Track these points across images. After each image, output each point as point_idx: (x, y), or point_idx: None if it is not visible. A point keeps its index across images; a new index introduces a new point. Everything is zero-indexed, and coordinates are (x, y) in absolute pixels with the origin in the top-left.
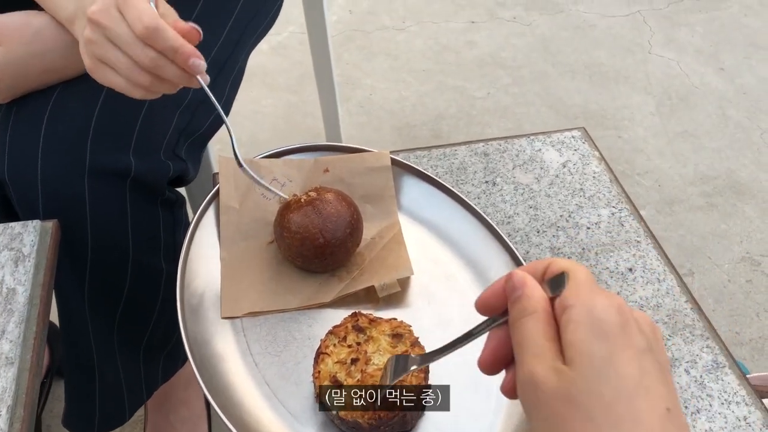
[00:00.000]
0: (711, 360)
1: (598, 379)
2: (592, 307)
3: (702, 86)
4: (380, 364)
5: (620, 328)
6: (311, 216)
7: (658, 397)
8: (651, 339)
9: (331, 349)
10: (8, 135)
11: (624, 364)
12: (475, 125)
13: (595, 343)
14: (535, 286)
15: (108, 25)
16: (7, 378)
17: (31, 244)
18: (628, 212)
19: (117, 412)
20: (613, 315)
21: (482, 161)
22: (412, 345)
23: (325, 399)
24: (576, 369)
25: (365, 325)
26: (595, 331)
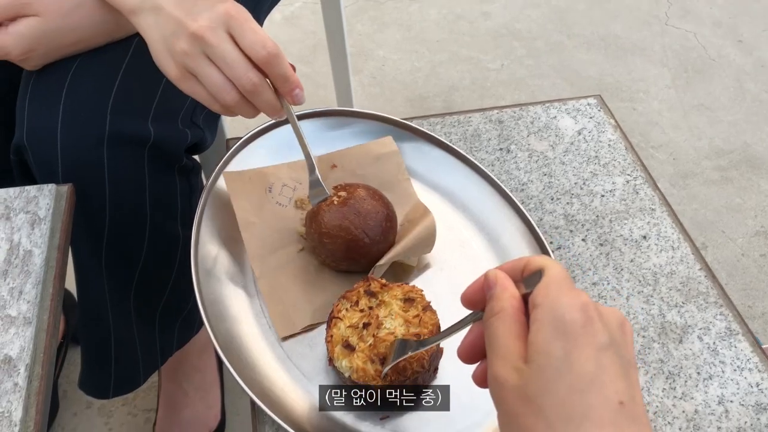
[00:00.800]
0: (724, 327)
1: (553, 377)
2: (556, 306)
3: (719, 59)
4: (392, 329)
5: (581, 326)
6: (350, 217)
7: (613, 392)
8: (616, 335)
9: (343, 314)
10: (27, 100)
11: (580, 361)
12: (489, 97)
13: (554, 342)
14: (506, 285)
15: (215, 44)
16: (25, 337)
17: (46, 207)
18: (643, 180)
19: (131, 377)
20: (575, 313)
21: (496, 128)
22: (423, 309)
23: (337, 364)
24: (534, 368)
25: (377, 289)
26: (555, 330)
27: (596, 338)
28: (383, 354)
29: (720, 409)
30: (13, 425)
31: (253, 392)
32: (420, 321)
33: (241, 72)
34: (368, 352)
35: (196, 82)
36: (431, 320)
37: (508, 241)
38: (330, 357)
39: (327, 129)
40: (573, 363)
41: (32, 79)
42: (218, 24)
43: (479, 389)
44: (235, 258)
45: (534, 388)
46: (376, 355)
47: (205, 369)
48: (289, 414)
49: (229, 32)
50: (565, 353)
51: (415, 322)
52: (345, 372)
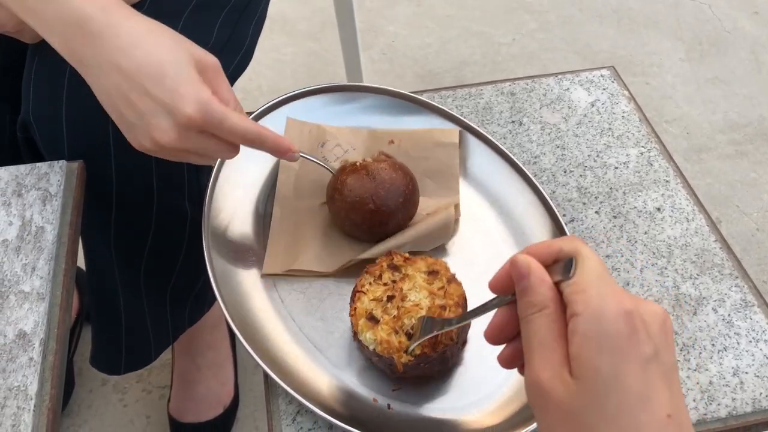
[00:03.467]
0: (740, 299)
1: (602, 395)
2: (599, 317)
3: (734, 31)
4: (416, 301)
5: (627, 338)
6: (364, 180)
7: (660, 406)
8: (659, 342)
9: (366, 288)
10: (33, 76)
11: (628, 378)
12: (500, 72)
13: (601, 358)
14: (542, 276)
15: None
16: (39, 312)
17: (57, 184)
18: (657, 152)
19: (143, 354)
20: (621, 326)
21: (508, 101)
22: (448, 281)
23: (361, 337)
24: (582, 384)
25: (400, 263)
26: (601, 344)
27: (641, 350)
28: (409, 326)
29: (735, 380)
30: (29, 399)
31: (266, 364)
32: (445, 293)
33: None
34: (392, 324)
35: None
36: (456, 292)
37: (520, 215)
38: (354, 330)
39: (336, 104)
40: (621, 380)
41: (37, 55)
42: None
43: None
44: (246, 234)
45: (581, 405)
46: (400, 327)
47: (218, 345)
48: (302, 386)
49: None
50: (613, 370)
51: (440, 294)
52: (369, 345)
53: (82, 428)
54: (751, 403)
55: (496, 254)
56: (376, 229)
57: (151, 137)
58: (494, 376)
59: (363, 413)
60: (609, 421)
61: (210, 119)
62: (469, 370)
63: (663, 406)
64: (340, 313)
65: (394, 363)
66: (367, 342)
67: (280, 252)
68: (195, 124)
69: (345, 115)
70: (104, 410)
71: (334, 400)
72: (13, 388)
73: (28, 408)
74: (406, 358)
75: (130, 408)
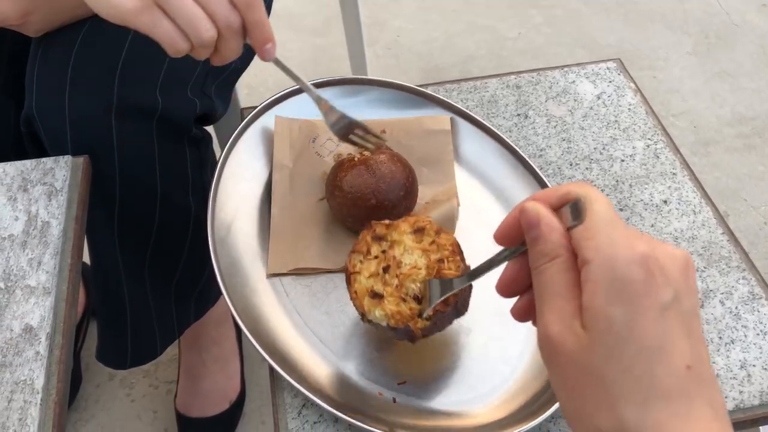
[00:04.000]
0: (747, 291)
1: (615, 346)
2: (612, 262)
3: (742, 24)
4: (412, 263)
5: (642, 285)
6: (364, 176)
7: (678, 357)
8: (679, 286)
9: (359, 267)
10: (36, 71)
11: (643, 327)
12: (506, 67)
13: (614, 306)
14: (552, 224)
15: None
16: (45, 307)
17: (63, 179)
18: (663, 144)
19: (148, 348)
20: (635, 271)
21: (514, 94)
22: (436, 233)
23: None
24: (594, 335)
25: (383, 232)
26: (614, 291)
27: (659, 296)
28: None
29: (742, 373)
30: (35, 393)
31: (271, 358)
32: (438, 246)
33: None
34: (397, 294)
35: (161, 15)
36: (448, 241)
37: None
38: (361, 313)
39: (342, 97)
40: (636, 329)
41: (40, 49)
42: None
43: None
44: (251, 228)
45: (594, 357)
46: (405, 293)
47: (223, 340)
48: (307, 379)
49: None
50: (627, 318)
51: (433, 249)
52: (381, 321)
53: (89, 423)
54: (758, 396)
55: (500, 247)
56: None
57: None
58: (500, 368)
59: (368, 406)
60: (623, 374)
61: None
62: (475, 363)
63: (682, 356)
64: (345, 307)
65: (411, 330)
66: (378, 320)
67: (283, 251)
68: None
69: (349, 109)
70: (111, 405)
71: (340, 393)
72: (19, 382)
73: (35, 402)
74: (421, 323)
75: (137, 403)
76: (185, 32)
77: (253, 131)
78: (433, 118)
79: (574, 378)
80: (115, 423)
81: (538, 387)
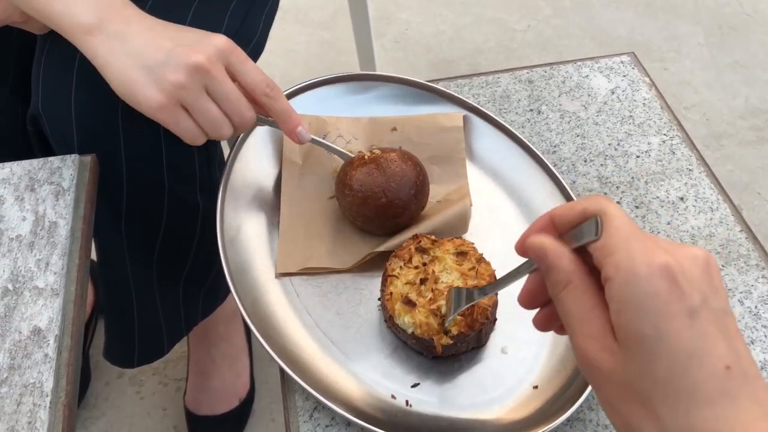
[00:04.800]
0: (767, 290)
1: (651, 361)
2: (634, 278)
3: (755, 14)
4: (449, 282)
5: (667, 295)
6: (374, 174)
7: (715, 359)
8: (704, 287)
9: (398, 272)
10: (42, 69)
11: (674, 337)
12: (515, 59)
13: (641, 322)
14: (557, 253)
15: (220, 80)
16: (53, 308)
17: (70, 178)
18: (680, 140)
19: (155, 346)
20: (657, 283)
21: (526, 89)
22: (478, 261)
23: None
24: (628, 352)
25: (428, 246)
26: (640, 307)
27: (685, 303)
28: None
29: (763, 374)
30: (44, 396)
31: (282, 360)
32: (476, 273)
33: (244, 110)
34: (428, 307)
35: (184, 114)
36: (487, 271)
37: (539, 206)
38: (390, 315)
39: (350, 94)
40: (667, 341)
41: (46, 47)
42: (218, 58)
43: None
44: (260, 227)
45: (631, 373)
46: (437, 308)
47: (232, 338)
48: (319, 382)
49: (228, 68)
50: (657, 332)
51: (472, 275)
52: (408, 328)
53: (99, 420)
54: None
55: (513, 247)
56: (389, 222)
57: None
58: (516, 370)
59: (381, 410)
60: (662, 387)
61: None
62: (490, 364)
63: (720, 357)
64: (357, 308)
65: (432, 345)
66: (405, 326)
67: (292, 250)
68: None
69: (359, 105)
70: (121, 402)
71: (352, 396)
72: (28, 384)
73: (44, 405)
74: (445, 340)
75: (147, 400)
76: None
77: (262, 128)
78: (446, 115)
79: (616, 394)
80: (124, 420)
81: (554, 389)
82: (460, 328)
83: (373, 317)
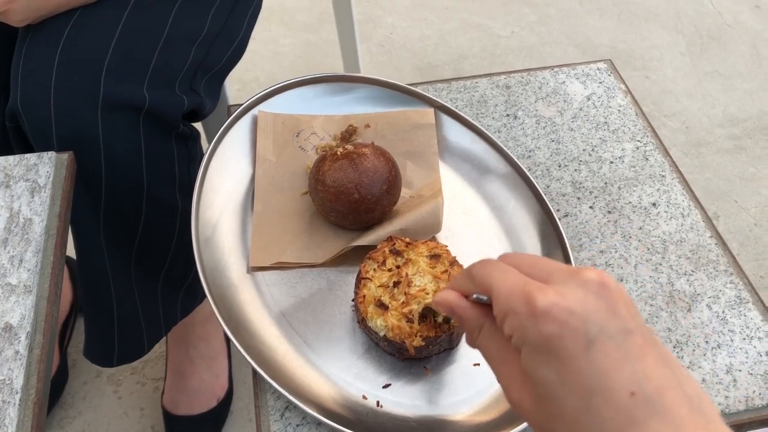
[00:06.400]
0: (734, 296)
1: (556, 404)
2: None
3: (735, 25)
4: (422, 285)
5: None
6: (347, 170)
7: (618, 388)
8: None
9: (371, 274)
10: (21, 64)
11: (574, 377)
12: (499, 65)
13: (543, 370)
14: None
15: None
16: (26, 305)
17: (46, 175)
18: (653, 146)
19: (135, 346)
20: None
21: (503, 94)
22: (450, 264)
23: (371, 324)
24: (537, 398)
25: (402, 248)
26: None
27: (579, 340)
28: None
29: (728, 378)
30: (14, 393)
31: (254, 360)
32: (449, 276)
33: None
34: (401, 310)
35: None
36: None
37: (513, 209)
38: (362, 317)
39: (331, 94)
40: (567, 382)
41: (26, 42)
42: None
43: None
44: (236, 226)
45: (545, 417)
46: (409, 312)
47: (211, 338)
48: (291, 382)
49: None
50: (556, 374)
51: (444, 278)
52: (380, 331)
53: (75, 420)
54: (744, 401)
55: (489, 248)
56: (361, 217)
57: None
58: (485, 372)
59: (352, 410)
60: (573, 428)
61: None
62: (460, 366)
63: (623, 386)
64: (331, 309)
65: (404, 347)
66: (377, 328)
67: (266, 244)
68: None
69: (338, 106)
70: (98, 402)
71: (323, 396)
72: None
73: (14, 402)
74: (417, 341)
75: (125, 400)
76: None
77: (239, 128)
78: (418, 111)
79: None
80: (101, 420)
81: None
82: (431, 331)
83: (346, 318)
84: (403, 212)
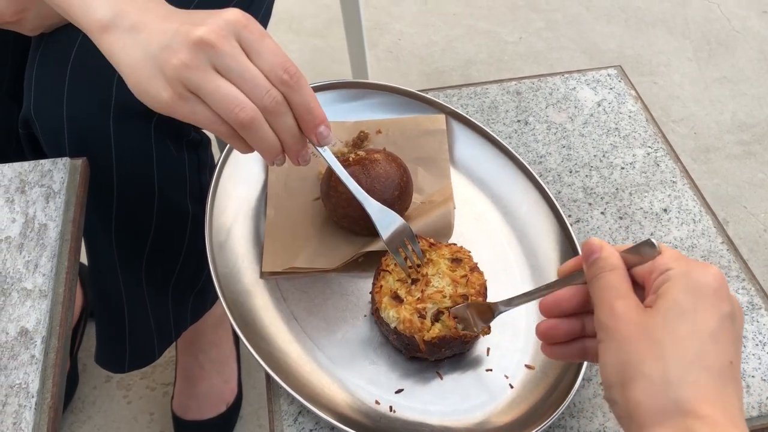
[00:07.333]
0: (746, 301)
1: (677, 319)
2: (690, 269)
3: (743, 30)
4: (440, 287)
5: (713, 290)
6: (359, 176)
7: (726, 351)
8: (737, 310)
9: (392, 267)
10: (34, 73)
11: (705, 316)
12: (506, 71)
13: (684, 295)
14: (611, 250)
15: (228, 52)
16: (41, 310)
17: (60, 181)
18: (664, 152)
19: (146, 352)
20: (710, 279)
21: (514, 100)
22: (471, 270)
23: (384, 314)
24: (658, 310)
25: (425, 248)
26: (688, 287)
27: (723, 304)
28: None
29: (741, 384)
30: (30, 397)
31: (267, 365)
32: (467, 281)
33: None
34: (415, 305)
35: (197, 101)
36: (478, 281)
37: (525, 215)
38: (376, 307)
39: (342, 101)
40: (698, 314)
41: (39, 50)
42: (228, 32)
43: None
44: (249, 232)
45: (654, 323)
46: (423, 309)
47: (221, 343)
48: (304, 386)
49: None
50: (693, 306)
51: (463, 282)
52: (391, 322)
53: (85, 424)
54: (757, 407)
55: (500, 253)
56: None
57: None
58: (498, 377)
59: (365, 415)
60: (677, 342)
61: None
62: (473, 371)
63: (728, 352)
64: (344, 313)
65: (414, 342)
66: (389, 320)
67: (278, 250)
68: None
69: (350, 112)
70: (108, 407)
71: (336, 401)
72: (14, 385)
73: (30, 406)
74: (428, 336)
75: (134, 405)
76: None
77: None
78: (429, 117)
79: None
80: (111, 425)
81: (536, 397)
82: (445, 331)
83: (360, 323)
84: (415, 218)
